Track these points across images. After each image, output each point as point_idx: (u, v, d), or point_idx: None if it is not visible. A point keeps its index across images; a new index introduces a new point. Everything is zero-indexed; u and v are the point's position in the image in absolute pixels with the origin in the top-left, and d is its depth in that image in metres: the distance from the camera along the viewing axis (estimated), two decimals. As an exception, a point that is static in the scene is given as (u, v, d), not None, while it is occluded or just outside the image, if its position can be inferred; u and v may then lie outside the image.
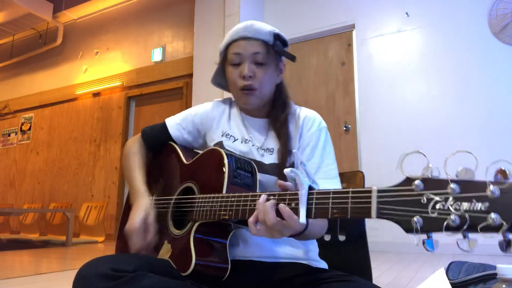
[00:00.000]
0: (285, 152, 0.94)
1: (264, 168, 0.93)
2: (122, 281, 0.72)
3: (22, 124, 6.85)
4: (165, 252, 0.88)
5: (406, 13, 3.96)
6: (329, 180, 0.92)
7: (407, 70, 3.89)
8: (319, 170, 0.94)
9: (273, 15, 4.70)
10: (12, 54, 7.13)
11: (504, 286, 0.58)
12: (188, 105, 4.90)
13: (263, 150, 0.98)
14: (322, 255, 0.98)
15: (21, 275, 2.33)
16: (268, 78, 0.98)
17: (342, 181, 1.00)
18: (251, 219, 0.70)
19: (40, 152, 6.46)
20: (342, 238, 1.07)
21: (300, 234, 0.71)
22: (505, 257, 3.02)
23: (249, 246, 0.90)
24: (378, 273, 2.33)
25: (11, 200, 6.61)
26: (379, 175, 3.70)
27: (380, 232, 3.51)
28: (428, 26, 3.85)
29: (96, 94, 6.01)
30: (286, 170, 0.66)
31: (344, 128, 4.14)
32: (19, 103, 6.92)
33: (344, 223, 1.08)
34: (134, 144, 1.11)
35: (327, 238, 1.08)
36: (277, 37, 0.98)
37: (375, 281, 1.00)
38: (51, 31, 6.73)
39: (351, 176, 1.14)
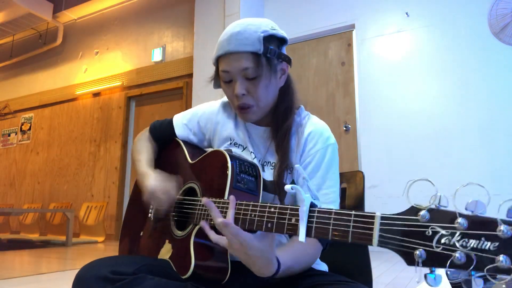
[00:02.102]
0: (282, 169, 0.88)
1: (265, 184, 0.89)
2: (122, 284, 0.71)
3: (22, 124, 6.85)
4: (166, 252, 0.88)
5: (406, 13, 3.96)
6: (325, 205, 0.87)
7: (407, 70, 3.89)
8: (318, 193, 0.89)
9: (273, 15, 4.70)
10: (12, 54, 7.13)
11: (504, 286, 0.58)
12: (188, 105, 4.90)
13: (265, 163, 0.93)
14: (321, 256, 0.98)
15: (21, 275, 2.33)
16: (263, 91, 0.89)
17: (341, 181, 0.99)
18: (211, 233, 0.72)
19: (40, 152, 6.46)
20: (342, 238, 1.06)
21: (275, 275, 0.71)
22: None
23: None
24: (378, 273, 2.33)
25: (11, 200, 6.61)
26: (379, 175, 3.71)
27: (380, 232, 3.51)
28: (428, 26, 3.85)
29: (96, 94, 6.01)
30: (287, 187, 0.64)
31: (344, 128, 4.14)
32: (19, 103, 6.92)
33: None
34: (142, 137, 1.13)
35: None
36: (268, 40, 0.87)
37: (375, 281, 1.00)
38: (51, 31, 6.73)
39: (351, 176, 1.14)
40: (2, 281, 2.11)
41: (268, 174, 0.91)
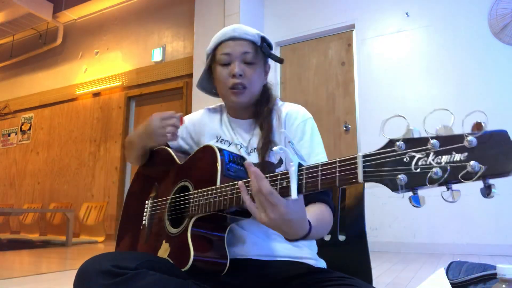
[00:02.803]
0: (266, 147, 0.94)
1: None
2: (124, 278, 0.72)
3: (22, 124, 6.85)
4: (164, 252, 0.88)
5: (406, 13, 3.96)
6: None
7: (407, 70, 3.89)
8: (308, 161, 0.93)
9: (273, 15, 4.70)
10: (12, 54, 7.13)
11: (504, 286, 0.58)
12: (188, 105, 4.90)
13: (250, 150, 0.99)
14: (321, 255, 0.98)
15: (21, 275, 2.33)
16: (257, 77, 1.00)
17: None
18: (247, 198, 0.70)
19: (40, 152, 6.46)
20: (342, 238, 1.06)
21: (305, 238, 0.72)
22: (505, 257, 3.02)
23: (247, 245, 0.90)
24: (378, 273, 2.33)
25: (11, 200, 6.61)
26: (379, 175, 3.70)
27: (380, 232, 3.51)
28: (428, 26, 3.85)
29: (96, 94, 6.01)
30: (275, 148, 0.67)
31: (344, 128, 4.14)
32: (19, 103, 6.93)
33: (344, 223, 1.08)
34: None
35: (327, 238, 1.08)
36: (263, 39, 1.01)
37: (375, 281, 1.00)
38: (51, 31, 6.73)
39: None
40: (2, 281, 2.11)
41: (254, 158, 0.96)
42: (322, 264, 0.96)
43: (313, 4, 4.48)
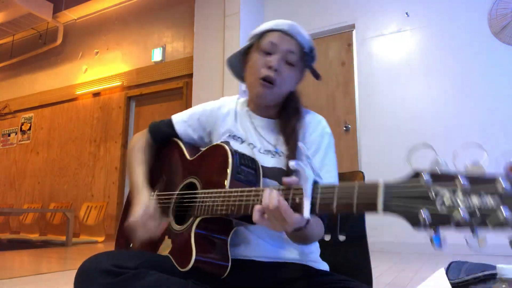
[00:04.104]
0: (293, 158, 0.90)
1: (264, 172, 0.90)
2: (124, 278, 0.71)
3: (22, 124, 6.85)
4: (165, 248, 0.87)
5: (406, 13, 3.96)
6: None
7: (407, 70, 3.89)
8: (317, 176, 0.91)
9: (273, 15, 4.70)
10: (12, 54, 7.13)
11: (504, 286, 0.58)
12: (188, 105, 4.90)
13: (263, 151, 0.95)
14: (322, 255, 0.98)
15: (21, 275, 2.33)
16: (290, 79, 0.97)
17: (341, 181, 0.99)
18: (258, 207, 0.68)
19: (40, 152, 6.46)
20: (342, 238, 1.06)
21: (299, 232, 0.71)
22: (505, 257, 3.02)
23: (251, 246, 0.89)
24: (378, 273, 2.33)
25: (11, 200, 6.61)
26: (379, 175, 3.69)
27: (380, 232, 3.51)
28: (428, 26, 3.85)
29: (96, 94, 6.01)
30: (291, 163, 0.64)
31: (344, 128, 4.14)
32: (19, 103, 6.92)
33: (344, 223, 1.08)
34: (140, 140, 1.10)
35: (327, 238, 1.08)
36: (311, 49, 0.99)
37: (375, 281, 1.00)
38: (51, 31, 6.73)
39: (351, 176, 1.14)
40: (2, 281, 2.11)
41: (269, 162, 0.93)
42: (324, 267, 0.96)
43: (313, 4, 4.48)
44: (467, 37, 3.65)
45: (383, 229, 3.52)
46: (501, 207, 0.43)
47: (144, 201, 0.91)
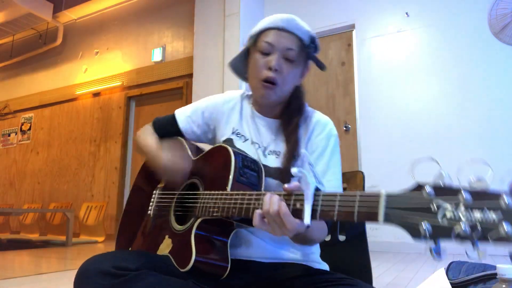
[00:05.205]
0: (290, 157, 0.90)
1: (268, 171, 0.90)
2: (125, 279, 0.71)
3: (22, 124, 6.85)
4: (165, 247, 0.88)
5: (406, 13, 3.96)
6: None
7: (407, 70, 3.89)
8: (322, 179, 0.91)
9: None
10: (12, 54, 7.13)
11: (504, 286, 0.58)
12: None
13: (269, 152, 0.95)
14: (322, 255, 0.98)
15: (21, 275, 2.33)
16: (292, 77, 0.95)
17: (341, 181, 1.00)
18: (258, 211, 0.68)
19: (40, 152, 6.46)
20: (342, 238, 1.06)
21: (300, 235, 0.70)
22: (505, 257, 3.02)
23: (251, 247, 0.89)
24: (378, 273, 2.33)
25: (11, 200, 6.61)
26: (379, 175, 3.70)
27: (380, 232, 3.51)
28: (428, 26, 3.85)
29: (96, 94, 6.01)
30: (294, 170, 0.65)
31: (344, 128, 4.14)
32: (19, 103, 6.92)
33: (344, 223, 1.08)
34: (146, 130, 1.10)
35: (327, 238, 1.08)
36: (312, 40, 0.96)
37: (375, 281, 1.00)
38: (51, 31, 6.73)
39: (351, 176, 1.14)
40: (2, 281, 2.11)
41: (272, 162, 0.92)
42: (325, 267, 0.96)
43: (313, 4, 4.48)
44: (467, 37, 3.65)
45: (383, 229, 3.52)
46: (503, 222, 0.43)
47: (166, 148, 0.94)
